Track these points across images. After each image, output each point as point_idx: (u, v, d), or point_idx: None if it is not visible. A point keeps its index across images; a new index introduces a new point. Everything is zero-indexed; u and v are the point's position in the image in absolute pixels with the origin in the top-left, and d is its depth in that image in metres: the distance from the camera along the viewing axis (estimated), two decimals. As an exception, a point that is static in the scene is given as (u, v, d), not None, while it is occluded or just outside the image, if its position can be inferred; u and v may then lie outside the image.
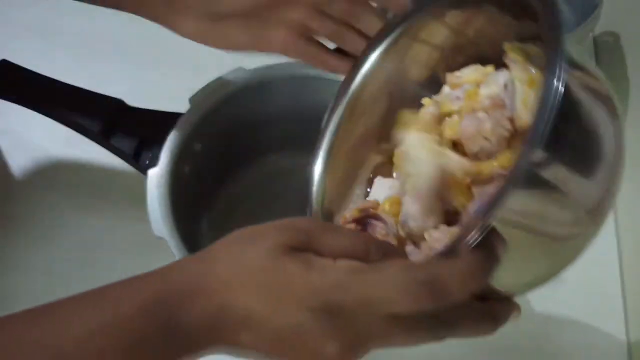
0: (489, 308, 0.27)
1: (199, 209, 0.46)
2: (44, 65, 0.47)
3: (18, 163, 0.56)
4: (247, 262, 0.25)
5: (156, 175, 0.39)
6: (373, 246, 0.26)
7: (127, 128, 0.42)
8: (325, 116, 0.35)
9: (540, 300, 0.48)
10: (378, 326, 0.25)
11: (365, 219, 0.33)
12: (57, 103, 0.43)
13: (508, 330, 0.46)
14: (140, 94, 0.48)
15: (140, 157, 0.41)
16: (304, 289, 0.24)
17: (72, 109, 0.42)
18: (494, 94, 0.29)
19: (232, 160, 0.49)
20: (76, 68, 0.57)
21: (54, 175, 0.55)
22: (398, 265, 0.24)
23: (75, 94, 0.43)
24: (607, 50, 0.59)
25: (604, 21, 0.53)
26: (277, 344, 0.25)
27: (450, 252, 0.25)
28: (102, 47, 0.60)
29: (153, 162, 0.40)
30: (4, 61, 0.45)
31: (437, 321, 0.26)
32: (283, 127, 0.49)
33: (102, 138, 0.41)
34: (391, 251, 0.27)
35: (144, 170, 0.40)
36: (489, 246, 0.24)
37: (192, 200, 0.44)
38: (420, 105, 0.33)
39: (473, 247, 0.24)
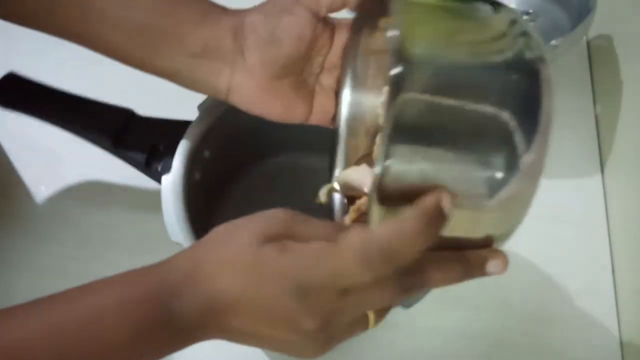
0: (459, 254, 0.28)
1: (209, 212, 0.47)
2: (50, 70, 0.47)
3: (22, 162, 0.57)
4: (231, 253, 0.28)
5: (170, 183, 0.40)
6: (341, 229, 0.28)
7: (138, 137, 0.42)
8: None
9: (534, 298, 0.49)
10: (347, 298, 0.27)
11: (360, 217, 0.34)
12: (67, 114, 0.43)
13: (504, 326, 0.48)
14: (148, 101, 0.48)
15: (152, 165, 0.42)
16: (279, 271, 0.27)
17: (82, 120, 0.43)
18: None
19: (237, 163, 0.51)
20: (83, 74, 0.58)
21: (57, 173, 0.56)
22: (352, 239, 0.26)
23: (85, 105, 0.43)
24: (601, 53, 0.60)
25: (598, 24, 0.54)
26: (263, 325, 0.28)
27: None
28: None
29: (165, 170, 0.40)
30: (12, 74, 0.45)
31: (404, 276, 0.27)
32: (283, 130, 0.50)
33: (113, 148, 0.42)
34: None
35: (156, 177, 0.41)
36: (431, 204, 0.25)
37: (203, 204, 0.46)
38: None
39: (418, 207, 0.25)
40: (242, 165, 0.52)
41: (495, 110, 0.25)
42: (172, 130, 0.43)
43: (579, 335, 0.47)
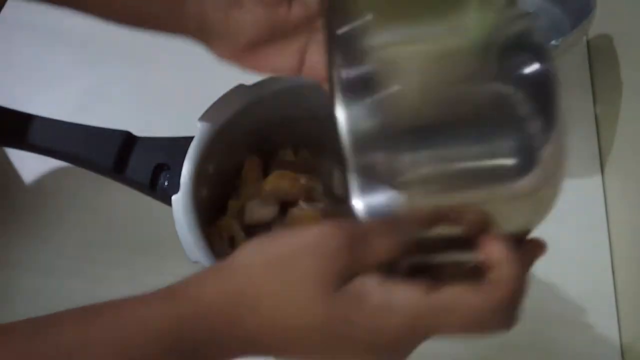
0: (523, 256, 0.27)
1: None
2: (47, 70, 0.45)
3: (21, 162, 0.56)
4: (294, 307, 0.24)
5: (181, 202, 0.39)
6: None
7: (139, 159, 0.42)
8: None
9: (534, 299, 0.49)
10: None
11: None
12: (64, 145, 0.42)
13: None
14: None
15: (157, 186, 0.41)
16: (368, 337, 0.24)
17: (80, 149, 0.42)
18: None
19: (237, 174, 0.50)
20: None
21: (57, 173, 0.55)
22: (467, 305, 0.25)
23: (81, 133, 0.42)
24: (601, 53, 0.60)
25: (598, 24, 0.54)
26: None
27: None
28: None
29: (172, 189, 0.40)
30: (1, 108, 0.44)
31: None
32: (284, 137, 0.50)
33: (115, 173, 0.41)
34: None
35: (162, 198, 0.41)
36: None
37: (210, 220, 0.45)
38: None
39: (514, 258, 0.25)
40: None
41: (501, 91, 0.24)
42: (174, 148, 0.42)
43: (578, 336, 0.48)
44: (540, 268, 0.50)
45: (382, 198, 0.29)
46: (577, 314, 0.49)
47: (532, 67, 0.24)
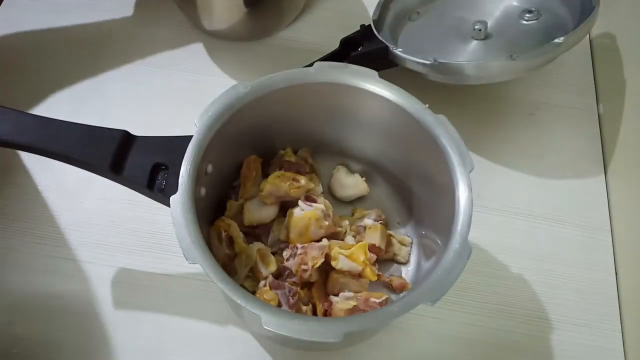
0: None
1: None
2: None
3: (21, 162, 0.56)
4: None
5: (180, 202, 0.38)
6: None
7: (136, 159, 0.41)
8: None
9: (537, 300, 0.50)
10: None
11: None
12: (60, 144, 0.40)
13: (506, 329, 0.48)
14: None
15: (154, 186, 0.40)
16: None
17: (76, 149, 0.40)
18: None
19: (236, 174, 0.50)
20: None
21: (56, 174, 0.54)
22: None
23: (77, 132, 0.41)
24: (604, 51, 0.59)
25: (601, 23, 0.54)
26: None
27: None
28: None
29: (170, 190, 0.39)
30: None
31: None
32: (283, 137, 0.50)
33: (111, 172, 0.40)
34: None
35: (160, 198, 0.40)
36: None
37: (209, 221, 0.45)
38: None
39: None
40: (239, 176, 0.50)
41: None
42: (172, 147, 0.41)
43: (582, 337, 0.48)
44: (543, 268, 0.51)
45: None
46: (580, 315, 0.49)
47: None
